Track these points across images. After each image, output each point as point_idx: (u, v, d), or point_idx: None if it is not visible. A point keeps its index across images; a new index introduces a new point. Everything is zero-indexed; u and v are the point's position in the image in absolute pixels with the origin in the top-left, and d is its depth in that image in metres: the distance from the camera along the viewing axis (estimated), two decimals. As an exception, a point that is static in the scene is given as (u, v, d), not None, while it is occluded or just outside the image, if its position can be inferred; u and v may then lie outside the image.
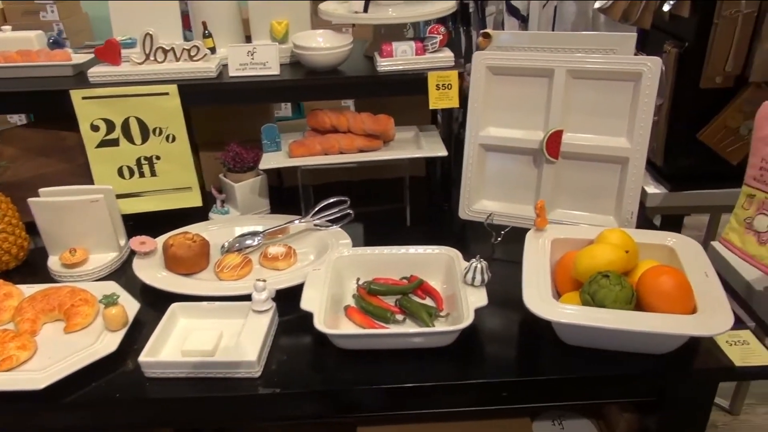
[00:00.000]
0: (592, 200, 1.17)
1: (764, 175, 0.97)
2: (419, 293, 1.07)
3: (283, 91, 1.26)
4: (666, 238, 1.02)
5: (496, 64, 1.17)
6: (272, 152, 1.30)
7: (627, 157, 1.11)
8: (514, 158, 1.21)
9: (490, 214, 1.23)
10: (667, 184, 1.48)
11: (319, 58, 1.23)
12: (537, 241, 1.04)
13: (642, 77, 1.07)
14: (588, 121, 1.14)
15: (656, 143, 1.48)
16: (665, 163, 1.48)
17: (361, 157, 1.25)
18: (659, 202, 1.49)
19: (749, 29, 1.26)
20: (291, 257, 1.18)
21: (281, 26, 1.32)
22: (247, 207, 1.37)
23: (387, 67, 1.23)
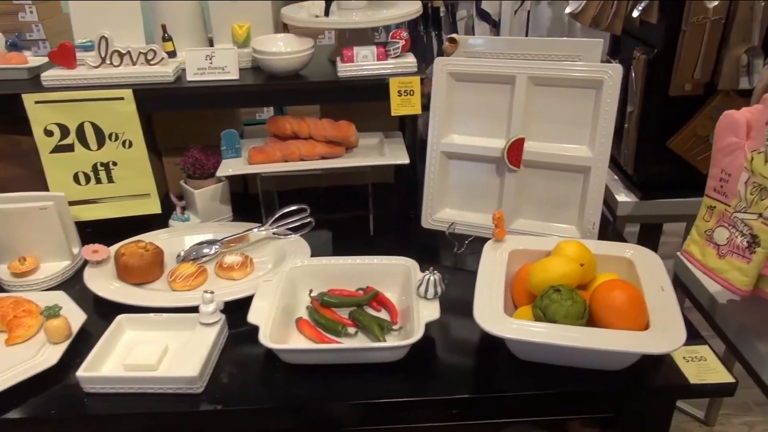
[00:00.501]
0: (554, 210, 1.15)
1: (724, 187, 0.94)
2: (374, 305, 1.04)
3: (243, 97, 1.23)
4: (624, 249, 1.00)
5: (457, 70, 1.15)
6: (231, 159, 1.27)
7: (589, 166, 1.09)
8: (477, 166, 1.19)
9: (451, 223, 1.20)
10: (638, 192, 1.46)
11: (278, 63, 1.20)
12: (494, 252, 1.02)
13: (603, 85, 1.05)
14: (550, 129, 1.12)
15: (627, 151, 1.46)
16: (636, 171, 1.46)
17: (320, 165, 1.23)
18: (630, 210, 1.47)
19: (717, 36, 1.24)
20: (247, 267, 1.15)
21: (242, 30, 1.29)
22: (208, 214, 1.34)
23: (347, 72, 1.20)
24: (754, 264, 0.89)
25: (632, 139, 1.43)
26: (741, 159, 0.91)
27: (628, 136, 1.44)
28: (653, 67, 1.33)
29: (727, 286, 0.93)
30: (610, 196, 1.52)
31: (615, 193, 1.49)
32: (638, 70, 1.36)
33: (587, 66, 1.07)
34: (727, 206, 0.94)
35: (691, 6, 1.21)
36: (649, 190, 1.44)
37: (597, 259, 0.98)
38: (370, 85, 1.20)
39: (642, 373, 0.88)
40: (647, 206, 1.45)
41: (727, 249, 0.93)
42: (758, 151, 0.88)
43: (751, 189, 0.89)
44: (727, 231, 0.94)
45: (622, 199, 1.46)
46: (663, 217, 1.51)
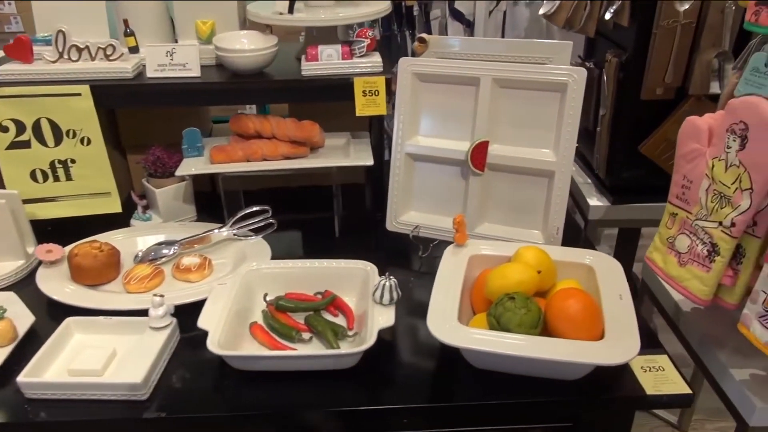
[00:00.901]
0: (519, 214, 1.13)
1: (686, 194, 0.93)
2: (332, 310, 1.02)
3: (204, 95, 1.20)
4: (585, 256, 0.98)
5: (422, 71, 1.13)
6: (193, 158, 1.24)
7: (553, 170, 1.07)
8: (442, 169, 1.16)
9: (416, 226, 1.18)
10: (610, 197, 1.44)
11: (241, 61, 1.18)
12: (454, 257, 1.00)
13: (567, 88, 1.03)
14: (515, 132, 1.10)
15: (599, 155, 1.44)
16: (608, 174, 1.44)
17: (282, 165, 1.20)
18: (602, 214, 1.45)
19: (688, 40, 1.22)
20: (205, 269, 1.13)
21: (206, 26, 1.26)
22: (171, 214, 1.31)
23: (311, 71, 1.18)
24: (714, 273, 0.87)
25: (604, 142, 1.41)
26: (703, 166, 0.89)
27: (600, 139, 1.42)
28: (625, 71, 1.31)
29: (688, 295, 0.92)
30: (582, 200, 1.50)
31: (587, 196, 1.48)
32: (610, 73, 1.34)
33: (551, 69, 1.05)
34: (689, 214, 0.92)
35: (661, 9, 1.20)
36: (621, 194, 1.43)
37: (557, 265, 0.96)
38: (335, 84, 1.18)
39: (599, 382, 0.86)
40: (619, 210, 1.44)
41: (688, 257, 0.92)
42: (719, 158, 0.86)
43: (711, 197, 0.88)
44: (688, 239, 0.92)
45: (594, 203, 1.45)
46: (635, 222, 1.49)
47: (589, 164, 1.53)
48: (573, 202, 1.55)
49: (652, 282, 1.18)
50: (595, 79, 1.44)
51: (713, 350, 0.96)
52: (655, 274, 0.99)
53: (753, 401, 0.86)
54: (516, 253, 0.96)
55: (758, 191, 0.81)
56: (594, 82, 1.44)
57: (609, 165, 1.42)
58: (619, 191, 1.43)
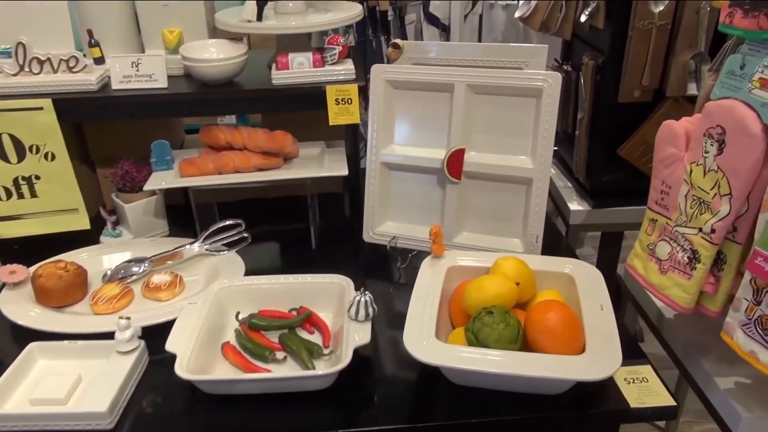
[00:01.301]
0: (498, 223, 1.11)
1: (665, 199, 0.91)
2: (307, 327, 0.99)
3: (171, 106, 1.16)
4: (565, 265, 0.96)
5: (395, 78, 1.10)
6: (162, 171, 1.20)
7: (531, 177, 1.04)
8: (418, 178, 1.14)
9: (393, 237, 1.15)
10: (591, 201, 1.43)
11: (209, 70, 1.14)
12: (431, 269, 0.97)
13: (543, 93, 1.01)
14: (491, 139, 1.07)
15: (578, 158, 1.42)
16: (588, 178, 1.42)
17: (255, 177, 1.16)
18: (583, 219, 1.43)
19: (664, 42, 1.21)
20: (176, 287, 1.09)
21: (173, 35, 1.22)
22: (141, 229, 1.27)
23: (282, 80, 1.15)
24: (695, 281, 0.86)
25: (583, 146, 1.40)
26: (681, 171, 0.87)
27: (579, 143, 1.41)
28: (602, 73, 1.30)
29: (669, 303, 0.90)
30: (563, 205, 1.48)
31: (568, 201, 1.46)
32: (587, 76, 1.33)
33: (526, 74, 1.03)
34: (669, 220, 0.90)
35: (636, 11, 1.18)
36: (602, 197, 1.41)
37: (537, 275, 0.94)
38: (306, 93, 1.15)
39: (581, 396, 0.84)
40: (600, 214, 1.42)
41: (669, 264, 0.90)
42: (697, 163, 0.84)
43: (690, 202, 0.86)
44: (668, 245, 0.90)
45: (575, 207, 1.43)
46: (616, 225, 1.48)
47: (569, 168, 1.51)
48: (554, 206, 1.53)
49: (635, 287, 1.16)
50: (572, 82, 1.43)
51: (697, 358, 0.94)
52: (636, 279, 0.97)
53: (738, 411, 0.84)
54: (494, 264, 0.93)
55: (737, 197, 0.79)
56: (571, 85, 1.42)
57: (588, 169, 1.41)
58: (599, 195, 1.41)
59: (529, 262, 0.94)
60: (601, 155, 1.37)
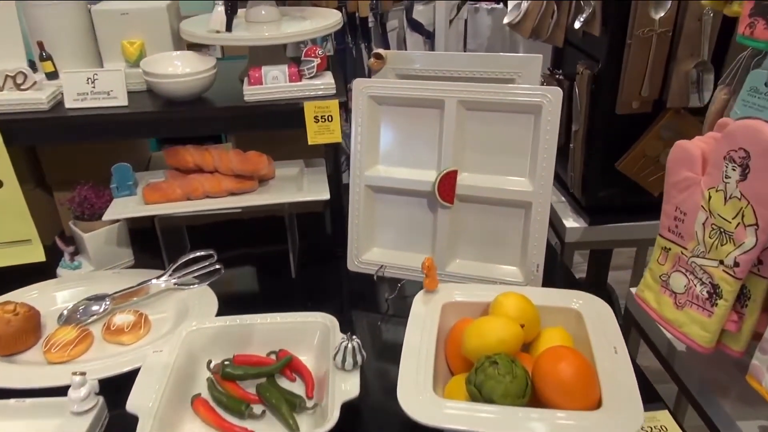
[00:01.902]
0: (494, 249, 1.02)
1: (679, 227, 0.83)
2: (288, 374, 0.89)
3: (132, 127, 1.05)
4: (572, 299, 0.87)
5: (379, 93, 1.01)
6: (124, 197, 1.09)
7: (530, 201, 0.96)
8: (406, 201, 1.05)
9: (380, 266, 1.06)
10: (587, 217, 1.35)
11: (173, 87, 1.03)
12: (424, 307, 0.88)
13: (542, 110, 0.93)
14: (486, 159, 0.99)
15: (573, 173, 1.35)
16: (584, 194, 1.35)
17: (226, 204, 1.06)
18: (579, 236, 1.35)
19: (664, 50, 1.13)
20: (140, 328, 0.98)
21: (134, 47, 1.11)
22: (103, 260, 1.16)
23: (255, 96, 1.04)
24: (716, 318, 0.78)
25: (578, 160, 1.32)
26: (698, 196, 0.80)
27: (575, 156, 1.33)
28: (598, 83, 1.22)
29: (687, 342, 0.82)
30: (557, 221, 1.40)
31: (563, 217, 1.38)
32: (582, 86, 1.25)
33: (523, 89, 0.94)
34: (684, 249, 0.82)
35: (636, 17, 1.11)
36: (598, 214, 1.34)
37: (541, 310, 0.85)
38: (282, 110, 1.05)
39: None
40: (597, 232, 1.34)
41: (686, 298, 0.82)
42: (716, 188, 0.77)
43: (709, 232, 0.78)
44: (684, 277, 0.82)
45: (571, 224, 1.35)
46: (613, 243, 1.41)
47: (564, 183, 1.43)
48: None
49: (640, 313, 1.08)
50: (565, 92, 1.34)
51: (715, 399, 0.86)
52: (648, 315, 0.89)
53: (765, 460, 0.76)
54: (494, 302, 0.84)
55: (764, 227, 0.72)
56: (564, 94, 1.34)
57: (584, 183, 1.33)
58: (596, 211, 1.34)
59: (532, 297, 0.86)
60: (597, 169, 1.29)
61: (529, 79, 1.06)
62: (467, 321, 0.85)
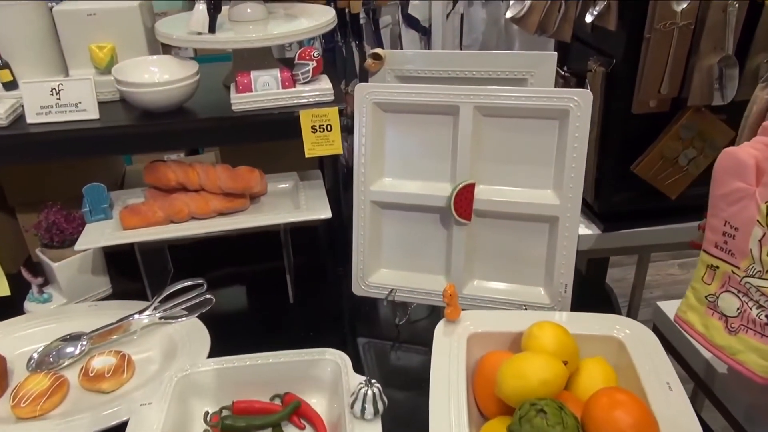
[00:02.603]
0: (516, 269, 0.93)
1: (729, 243, 0.75)
2: (296, 421, 0.79)
3: (105, 143, 0.93)
4: (614, 326, 0.79)
5: (385, 99, 0.91)
6: (98, 221, 0.97)
7: (556, 216, 0.87)
8: (418, 218, 0.95)
9: (391, 290, 0.96)
10: (600, 224, 1.27)
11: (150, 97, 0.92)
12: (448, 339, 0.79)
13: (569, 116, 0.84)
14: (506, 169, 0.90)
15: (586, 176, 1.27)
16: (597, 199, 1.27)
17: (214, 227, 0.95)
18: (592, 244, 1.28)
19: (686, 45, 1.06)
20: (122, 372, 0.87)
21: (104, 52, 0.99)
22: (76, 291, 1.04)
23: (244, 105, 0.93)
24: (778, 345, 0.70)
25: (591, 162, 1.24)
26: (752, 210, 0.72)
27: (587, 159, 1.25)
28: (612, 81, 1.14)
29: (742, 371, 0.74)
30: (567, 228, 1.32)
31: (573, 224, 1.30)
32: (595, 85, 1.16)
33: (548, 92, 0.85)
34: (735, 268, 0.75)
35: (656, 10, 1.02)
36: (613, 220, 1.26)
37: (577, 339, 0.77)
38: (274, 120, 0.94)
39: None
40: (611, 239, 1.27)
41: (739, 323, 0.74)
42: (776, 201, 0.69)
43: (767, 250, 0.70)
44: (736, 299, 0.74)
45: (583, 231, 1.27)
46: (629, 250, 1.33)
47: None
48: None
49: (670, 329, 1.01)
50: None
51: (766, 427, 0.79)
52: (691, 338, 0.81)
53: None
54: (529, 334, 0.75)
55: (836, 246, 0.64)
56: (572, 93, 1.26)
57: (598, 188, 1.25)
58: (610, 217, 1.26)
59: (566, 324, 0.77)
60: (611, 172, 1.21)
61: (543, 78, 0.97)
62: (496, 355, 0.76)
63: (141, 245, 0.97)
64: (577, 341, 0.77)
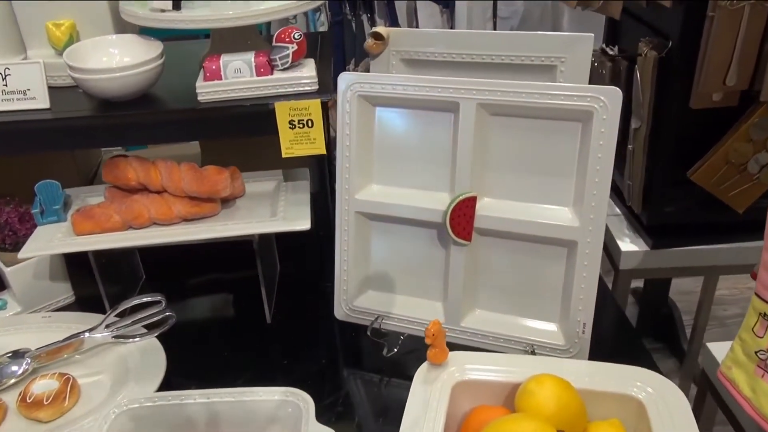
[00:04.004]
0: (526, 300, 0.85)
1: (787, 288, 0.66)
2: (247, 472, 0.74)
3: (56, 136, 0.91)
4: (634, 381, 0.70)
5: (372, 92, 0.84)
6: (51, 224, 0.95)
7: (574, 239, 0.79)
8: (412, 233, 0.88)
9: (376, 317, 0.90)
10: (649, 239, 1.18)
11: (107, 84, 0.88)
12: (428, 388, 0.72)
13: (593, 119, 0.75)
14: (515, 180, 0.82)
15: (632, 182, 1.17)
16: (645, 209, 1.18)
17: (177, 235, 0.91)
18: (637, 262, 1.19)
19: (760, 25, 0.95)
20: (64, 399, 0.84)
21: (61, 30, 0.96)
22: (33, 299, 1.03)
23: (211, 95, 0.89)
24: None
25: (639, 166, 1.14)
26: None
27: (634, 161, 1.15)
28: (667, 68, 1.05)
29: (796, 451, 0.65)
30: (610, 242, 1.23)
31: (617, 237, 1.22)
32: (646, 72, 1.07)
33: (567, 89, 0.76)
34: (794, 320, 0.65)
35: (721, -17, 0.92)
36: (664, 235, 1.17)
37: (588, 396, 0.69)
38: (248, 113, 0.89)
39: None
40: (660, 257, 1.18)
41: (795, 391, 0.65)
42: None
43: (835, 301, 0.60)
44: (793, 360, 0.65)
45: (627, 247, 1.19)
46: (681, 271, 1.23)
47: (620, 193, 1.25)
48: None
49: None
50: (622, 75, 1.17)
51: None
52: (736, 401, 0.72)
53: None
54: (524, 390, 0.68)
55: None
56: (622, 79, 1.17)
57: (646, 196, 1.17)
58: (660, 232, 1.18)
59: (576, 377, 0.70)
60: (664, 179, 1.14)
61: (576, 66, 0.88)
62: (487, 412, 0.70)
63: (97, 257, 0.94)
64: (587, 399, 0.69)
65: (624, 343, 0.94)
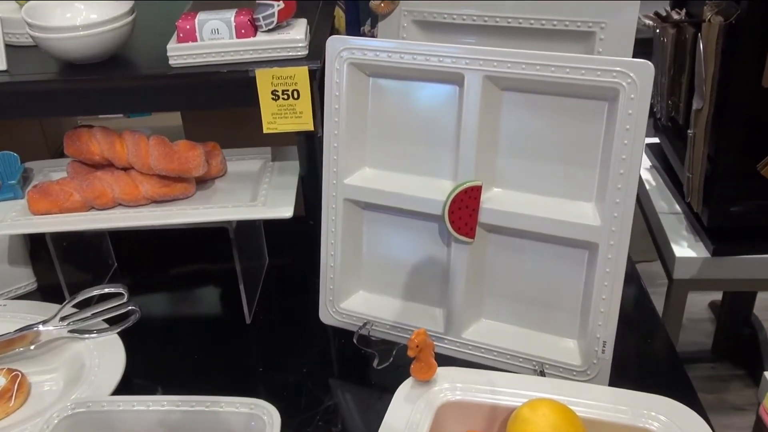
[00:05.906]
0: (538, 310, 0.86)
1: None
2: (200, 492, 0.77)
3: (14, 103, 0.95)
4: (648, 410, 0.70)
5: (367, 59, 0.84)
6: (6, 201, 1.00)
7: (596, 241, 0.78)
8: (408, 225, 0.89)
9: (365, 323, 0.92)
10: (710, 244, 1.16)
11: (69, 44, 0.91)
12: (409, 408, 0.73)
13: (619, 98, 0.74)
14: (528, 168, 0.82)
15: (692, 174, 1.15)
16: (707, 208, 1.16)
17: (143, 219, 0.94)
18: (696, 271, 1.18)
19: None
20: (11, 398, 0.89)
21: (24, -19, 1.00)
22: (-10, 285, 1.08)
23: (182, 59, 0.91)
24: None
25: (700, 155, 1.13)
26: None
27: (695, 150, 1.14)
28: (735, 39, 1.04)
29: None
30: (664, 245, 1.22)
31: (672, 241, 1.20)
32: (710, 42, 1.05)
33: (589, 62, 0.75)
34: None
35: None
36: (728, 240, 1.16)
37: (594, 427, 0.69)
38: (225, 81, 0.91)
39: None
40: (723, 265, 1.17)
41: None
42: None
43: None
44: None
45: (684, 252, 1.18)
46: (750, 283, 1.21)
47: (679, 185, 1.23)
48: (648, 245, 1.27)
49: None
50: (687, 44, 1.15)
51: None
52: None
53: None
54: (516, 417, 0.68)
55: None
56: (686, 49, 1.15)
57: (708, 192, 1.16)
58: (724, 235, 1.17)
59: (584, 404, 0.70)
60: (729, 172, 1.13)
61: (618, 33, 0.90)
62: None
63: (58, 235, 0.98)
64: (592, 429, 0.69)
65: (660, 368, 0.93)
